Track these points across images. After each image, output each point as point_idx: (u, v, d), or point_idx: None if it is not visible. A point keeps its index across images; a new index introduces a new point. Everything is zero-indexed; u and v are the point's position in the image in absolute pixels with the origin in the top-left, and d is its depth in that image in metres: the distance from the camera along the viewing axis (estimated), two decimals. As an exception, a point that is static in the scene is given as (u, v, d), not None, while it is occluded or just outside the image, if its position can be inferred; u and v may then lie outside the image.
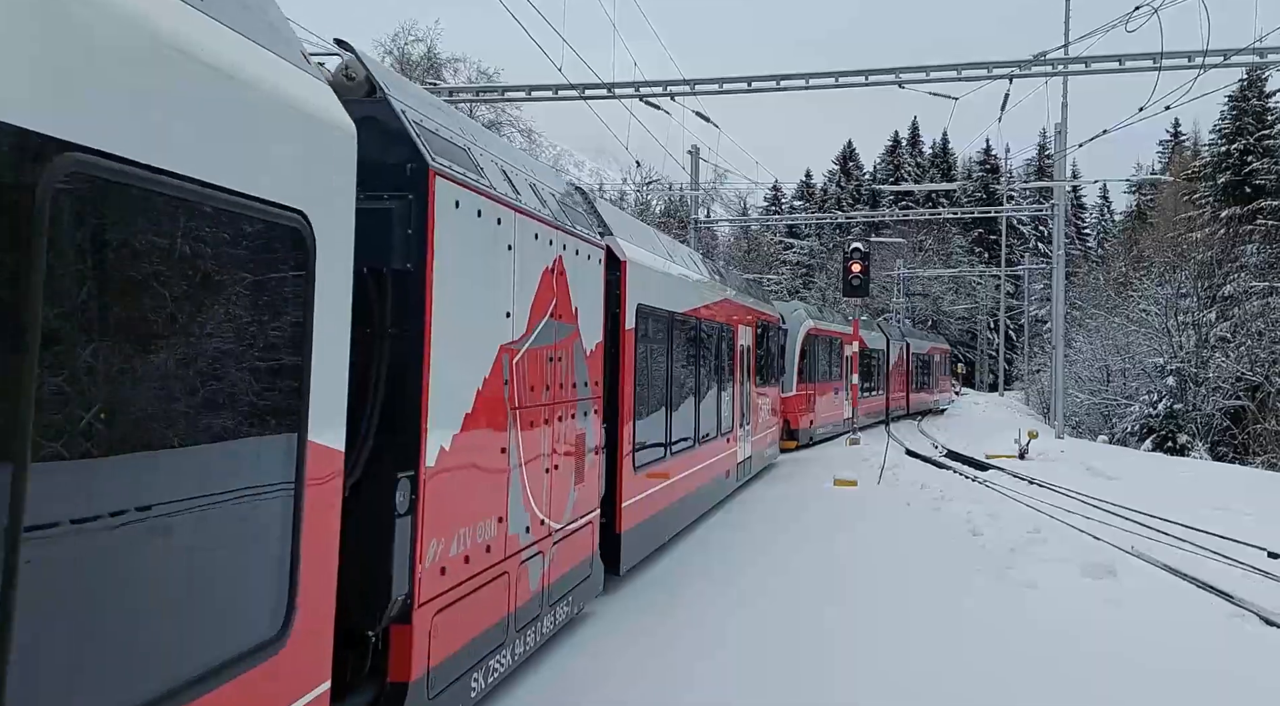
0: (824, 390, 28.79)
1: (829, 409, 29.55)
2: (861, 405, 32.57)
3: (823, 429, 28.63)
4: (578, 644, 7.88)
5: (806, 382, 26.71)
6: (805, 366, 26.68)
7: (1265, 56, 19.05)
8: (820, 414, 28.28)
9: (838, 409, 30.70)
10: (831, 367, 30.02)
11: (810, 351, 27.30)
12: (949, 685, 6.93)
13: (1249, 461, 32.37)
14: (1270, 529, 13.44)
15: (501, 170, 6.40)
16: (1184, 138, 79.42)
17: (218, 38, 3.19)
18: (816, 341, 28.09)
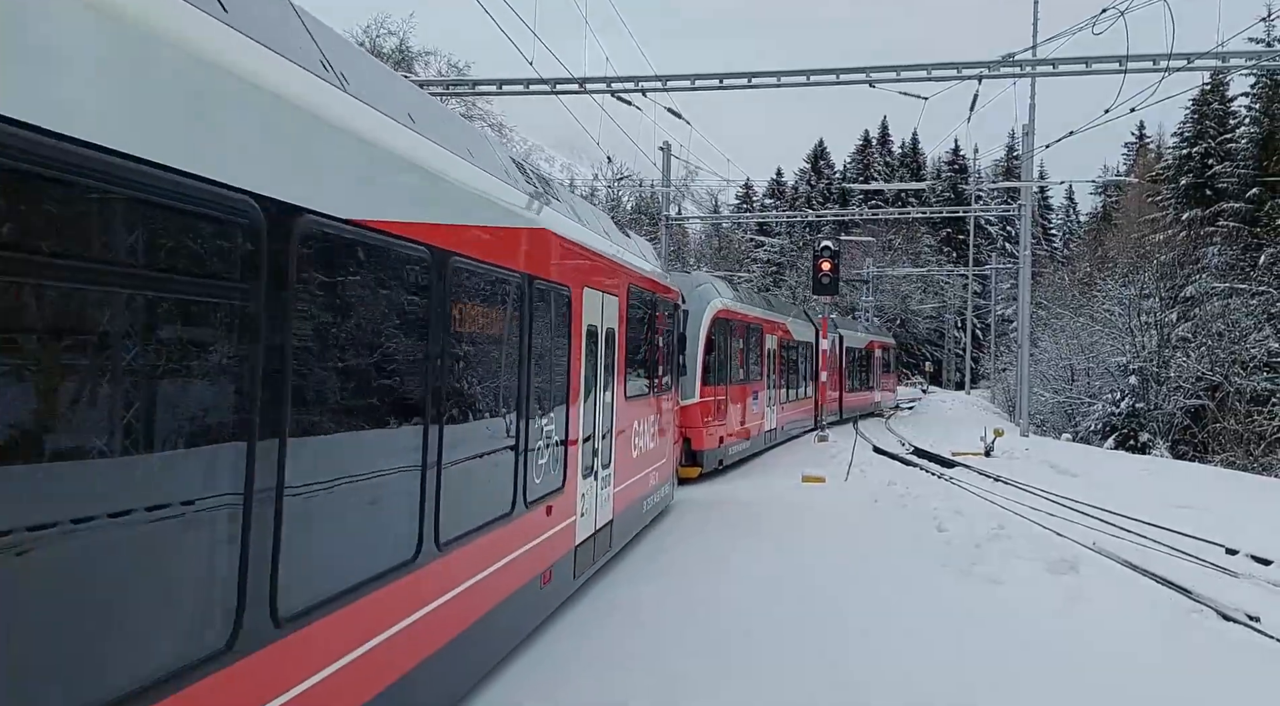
0: (740, 395, 21.53)
1: (746, 419, 22.35)
2: (784, 411, 26.60)
3: (738, 447, 21.52)
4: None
5: (715, 384, 19.45)
6: (713, 362, 19.36)
7: (1227, 61, 19.37)
8: (734, 426, 21.17)
9: (758, 419, 23.60)
10: (750, 364, 22.75)
11: (721, 342, 19.92)
12: (915, 678, 6.97)
13: (1209, 459, 32.96)
14: (1228, 526, 13.68)
15: None
16: (1148, 140, 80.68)
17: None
18: (730, 328, 20.63)
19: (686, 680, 6.80)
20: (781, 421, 25.91)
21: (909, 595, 9.43)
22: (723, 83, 20.52)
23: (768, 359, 24.57)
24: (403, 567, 4.89)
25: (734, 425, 20.86)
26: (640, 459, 11.54)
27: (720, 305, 20.12)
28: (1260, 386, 35.55)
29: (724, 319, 20.13)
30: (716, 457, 19.51)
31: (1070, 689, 6.90)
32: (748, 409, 22.20)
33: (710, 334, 19.17)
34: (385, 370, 4.77)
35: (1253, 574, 11.28)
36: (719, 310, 19.89)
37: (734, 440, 20.96)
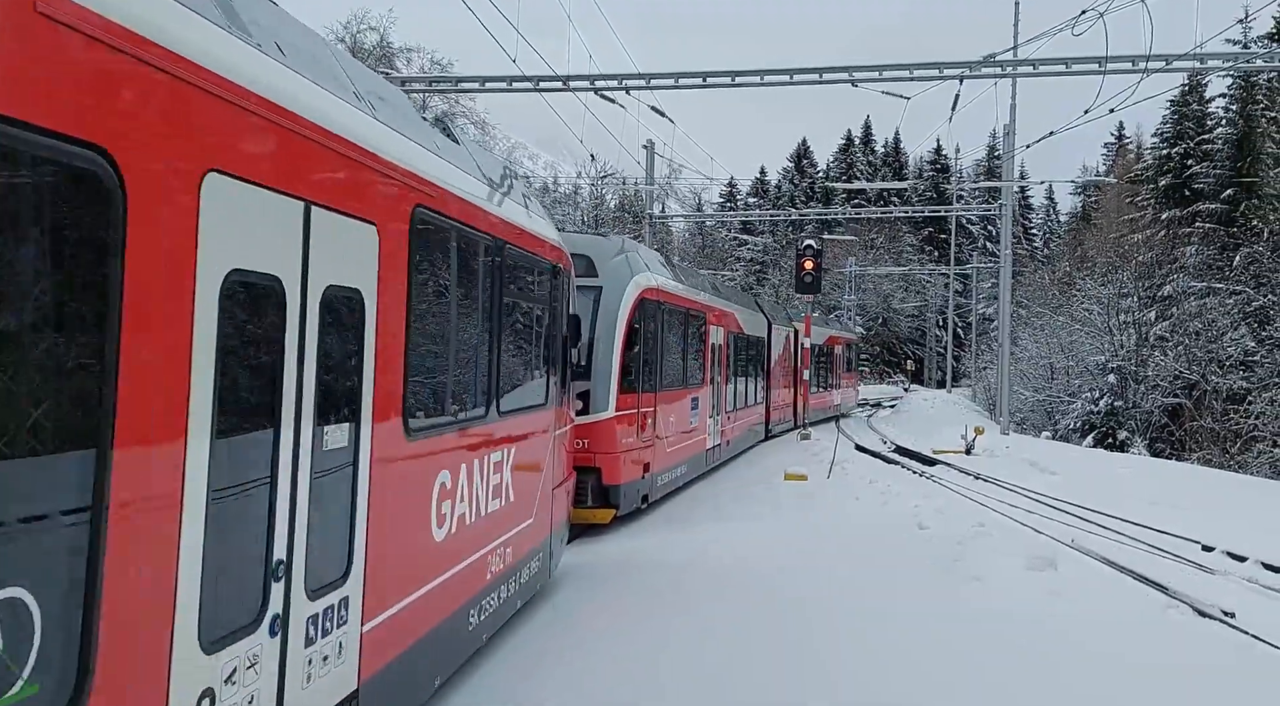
0: (675, 404, 16.12)
1: (683, 436, 16.80)
2: (732, 421, 21.51)
3: (670, 475, 16.02)
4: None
5: (639, 391, 14.04)
6: (637, 361, 13.97)
7: (1205, 62, 19.58)
8: (666, 447, 15.56)
9: (698, 434, 17.99)
10: (688, 362, 17.29)
11: (648, 333, 14.44)
12: (894, 673, 7.02)
13: (1185, 457, 33.32)
14: (1204, 523, 13.83)
15: None
16: (1127, 141, 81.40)
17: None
18: (662, 315, 15.15)
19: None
20: (729, 434, 20.93)
21: (890, 592, 9.48)
22: (706, 81, 20.55)
23: (713, 357, 19.00)
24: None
25: (665, 446, 15.28)
26: (459, 540, 6.30)
27: (648, 283, 14.30)
28: (1236, 385, 35.93)
29: (653, 303, 14.45)
30: (639, 493, 14.02)
31: (1048, 684, 6.96)
32: (685, 422, 16.74)
33: (633, 322, 13.51)
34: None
35: (1228, 570, 11.43)
36: (646, 290, 14.13)
37: (665, 466, 15.41)
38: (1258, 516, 15.21)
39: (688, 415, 17.07)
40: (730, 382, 20.99)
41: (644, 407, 14.14)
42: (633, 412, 13.69)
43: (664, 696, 6.55)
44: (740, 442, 22.78)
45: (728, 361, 20.54)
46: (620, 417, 13.27)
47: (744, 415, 23.05)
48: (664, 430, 15.23)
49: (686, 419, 16.94)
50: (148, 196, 3.16)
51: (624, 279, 13.74)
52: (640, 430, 13.93)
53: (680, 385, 16.53)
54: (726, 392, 20.50)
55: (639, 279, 14.09)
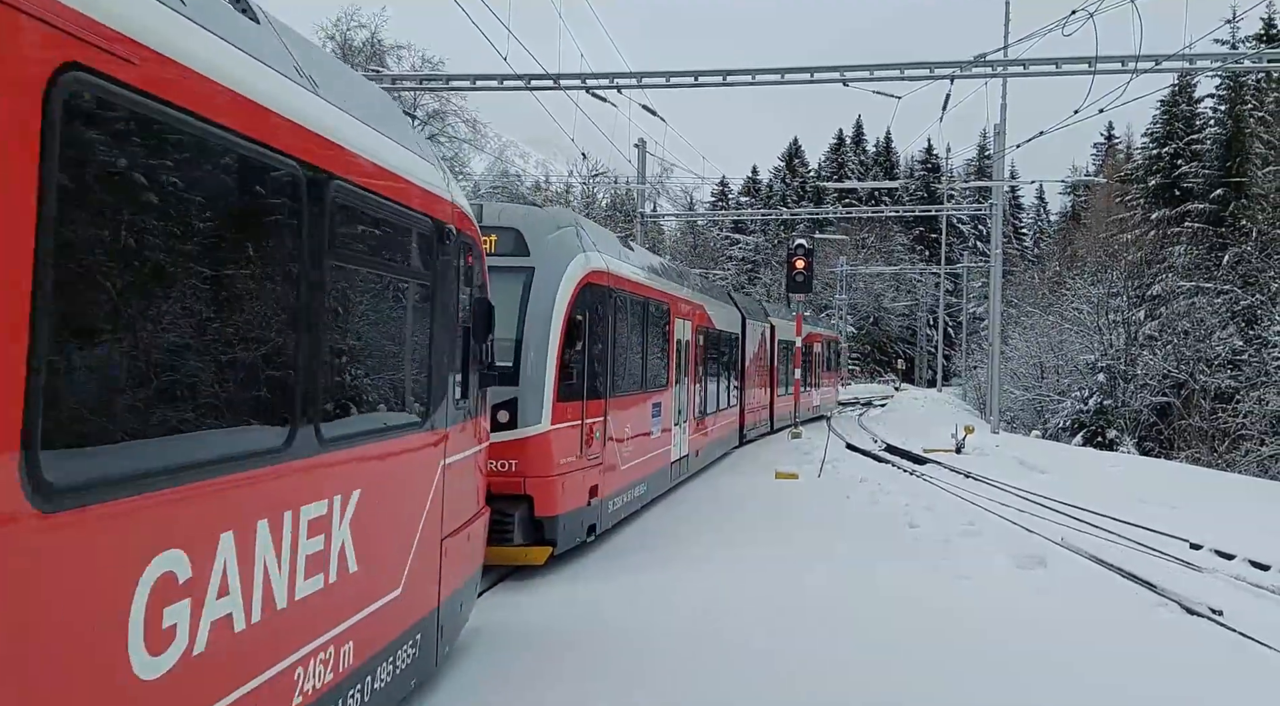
0: (630, 413, 13.26)
1: (640, 449, 13.91)
2: (703, 429, 18.74)
3: (624, 497, 13.05)
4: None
5: (584, 397, 11.31)
6: (580, 362, 11.27)
7: (1194, 63, 19.68)
8: (619, 465, 12.71)
9: (658, 446, 15.11)
10: (649, 361, 14.39)
11: (595, 327, 11.71)
12: (884, 672, 7.03)
13: (1174, 456, 33.49)
14: (1193, 521, 13.90)
15: None
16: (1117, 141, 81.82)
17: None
18: (612, 305, 12.37)
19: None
20: (700, 443, 18.44)
21: (880, 591, 9.50)
22: (698, 80, 20.57)
23: (679, 355, 16.34)
24: None
25: (620, 462, 12.60)
26: (210, 664, 3.63)
27: (595, 265, 11.56)
28: (1224, 384, 36.12)
29: (602, 289, 11.74)
30: (583, 524, 11.11)
31: (1037, 682, 6.98)
32: (645, 432, 14.06)
33: (575, 312, 10.85)
34: None
35: (1216, 568, 11.48)
36: (592, 273, 11.39)
37: (619, 486, 12.61)
38: (1245, 514, 15.28)
39: (648, 424, 14.27)
40: (700, 384, 18.42)
41: (590, 418, 11.21)
42: (575, 425, 10.74)
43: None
44: (712, 452, 20.19)
45: (696, 360, 17.89)
46: (558, 432, 10.33)
47: (716, 421, 20.42)
48: (617, 443, 12.40)
49: (646, 428, 14.17)
50: None
51: (564, 259, 10.84)
52: (585, 445, 10.99)
53: (638, 388, 13.66)
54: (695, 396, 17.91)
55: (583, 259, 11.15)
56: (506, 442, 9.80)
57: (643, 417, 13.97)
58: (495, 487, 9.09)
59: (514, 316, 10.19)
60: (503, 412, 9.76)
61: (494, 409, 9.07)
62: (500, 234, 10.35)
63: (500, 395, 9.42)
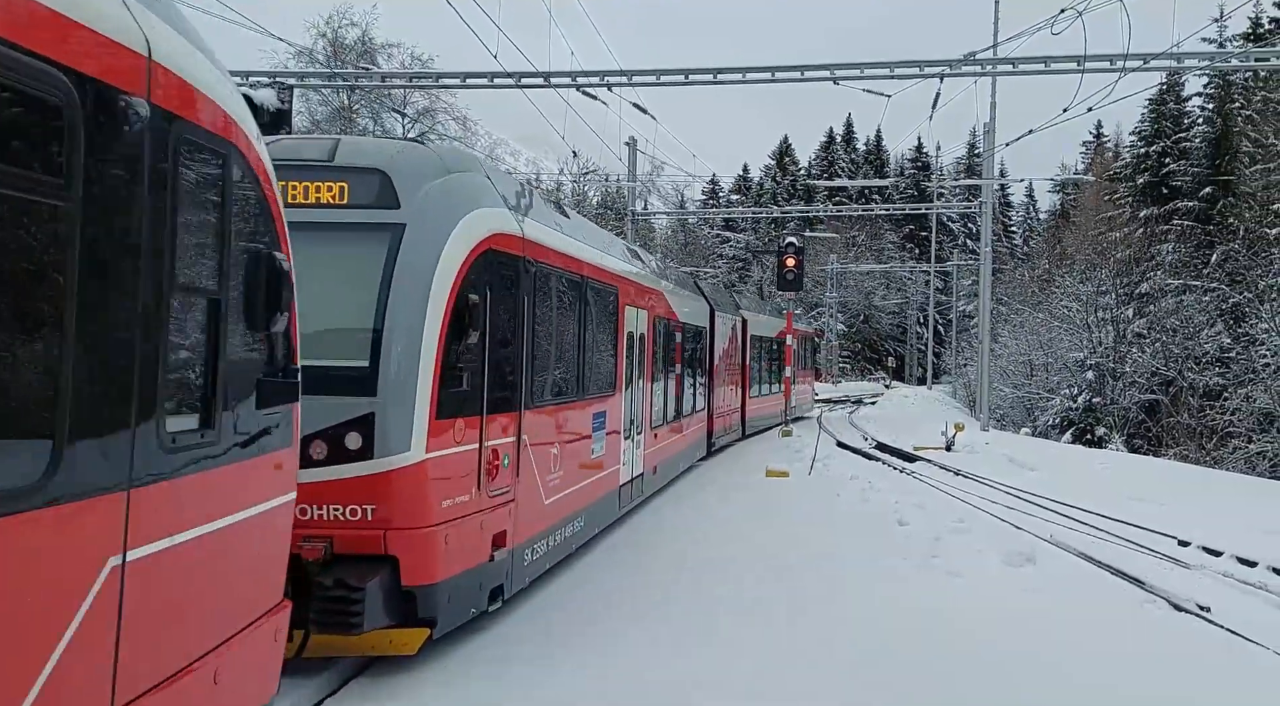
0: (554, 425, 9.88)
1: (575, 474, 10.67)
2: (663, 440, 15.87)
3: (550, 539, 9.73)
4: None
5: (479, 410, 7.72)
6: (477, 359, 7.70)
7: (1182, 61, 19.76)
8: (543, 499, 9.41)
9: (602, 467, 11.93)
10: (589, 359, 11.24)
11: (500, 310, 8.19)
12: (875, 668, 7.05)
13: (1162, 453, 33.66)
14: (1181, 518, 13.98)
15: None
16: (1106, 139, 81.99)
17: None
18: (529, 282, 8.81)
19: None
20: (658, 457, 15.40)
21: (870, 588, 9.52)
22: (688, 78, 20.54)
23: (631, 351, 13.29)
24: None
25: (542, 494, 9.34)
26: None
27: (502, 228, 8.31)
28: (1212, 382, 36.33)
29: (514, 261, 8.50)
30: (483, 587, 7.91)
31: (1025, 678, 7.01)
32: (582, 451, 10.87)
33: (468, 290, 7.58)
34: None
35: (1204, 565, 11.55)
36: (496, 237, 8.15)
37: (543, 526, 9.40)
38: (1233, 511, 15.38)
39: (587, 440, 10.97)
40: (659, 386, 15.47)
41: (495, 437, 7.92)
42: (468, 449, 7.46)
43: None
44: (673, 466, 17.16)
45: (655, 357, 14.90)
46: (439, 461, 7.05)
47: (679, 429, 17.58)
48: (540, 469, 9.10)
49: (585, 445, 10.88)
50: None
51: (453, 214, 7.49)
52: (487, 476, 7.71)
53: (573, 394, 10.39)
54: (653, 400, 14.85)
55: (483, 217, 7.81)
56: (357, 480, 6.65)
57: (579, 432, 10.62)
58: (343, 545, 6.57)
59: (370, 295, 6.98)
60: (353, 435, 6.66)
61: (340, 430, 6.58)
62: (354, 178, 7.31)
63: (346, 410, 6.65)
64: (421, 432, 6.89)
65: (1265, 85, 40.71)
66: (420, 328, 7.00)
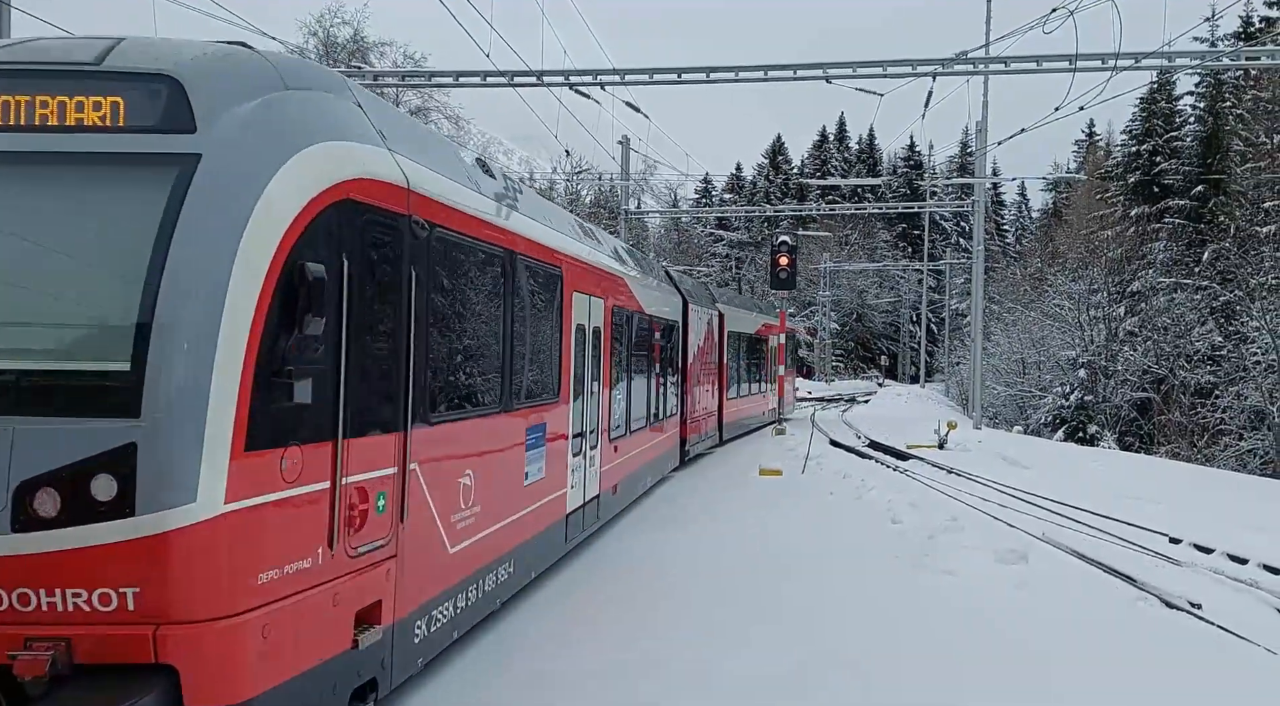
0: (467, 447, 7.18)
1: (501, 506, 7.99)
2: (622, 456, 13.26)
3: (463, 596, 7.13)
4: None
5: (333, 432, 5.19)
6: (326, 358, 5.10)
7: (1173, 60, 19.84)
8: (449, 546, 6.79)
9: (541, 494, 9.21)
10: (523, 358, 8.64)
11: (367, 290, 5.53)
12: (868, 665, 7.06)
13: (1154, 451, 33.81)
14: (1172, 515, 14.02)
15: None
16: (1098, 138, 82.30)
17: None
18: (422, 250, 6.20)
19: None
20: (618, 475, 12.94)
21: (862, 586, 9.53)
22: (681, 77, 20.56)
23: (583, 349, 10.98)
24: None
25: (446, 542, 6.81)
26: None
27: (363, 169, 5.57)
28: (1203, 379, 36.49)
29: (381, 216, 5.72)
30: (339, 690, 5.34)
31: (1018, 675, 7.02)
32: (512, 477, 8.42)
33: (303, 256, 4.91)
34: None
35: (1195, 562, 11.59)
36: (353, 183, 5.43)
37: (450, 583, 6.92)
38: (1224, 509, 15.44)
39: (517, 462, 8.43)
40: (621, 390, 13.23)
41: (361, 471, 5.53)
42: (308, 493, 5.07)
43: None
44: (640, 481, 14.89)
45: (614, 356, 12.63)
46: (251, 514, 4.67)
47: (647, 439, 15.26)
48: (440, 509, 6.66)
49: (514, 469, 8.35)
50: None
51: (279, 144, 5.13)
52: (348, 528, 5.39)
53: (495, 404, 7.88)
54: (612, 408, 12.56)
55: (333, 153, 5.42)
56: (109, 550, 4.30)
57: (505, 452, 8.13)
58: (87, 651, 4.31)
59: (136, 261, 4.59)
60: (102, 479, 4.30)
61: (80, 471, 4.27)
62: (131, 89, 4.89)
63: (89, 440, 4.31)
64: (217, 472, 4.45)
65: (1256, 84, 40.89)
66: (218, 310, 4.54)
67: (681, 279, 21.56)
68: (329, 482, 5.17)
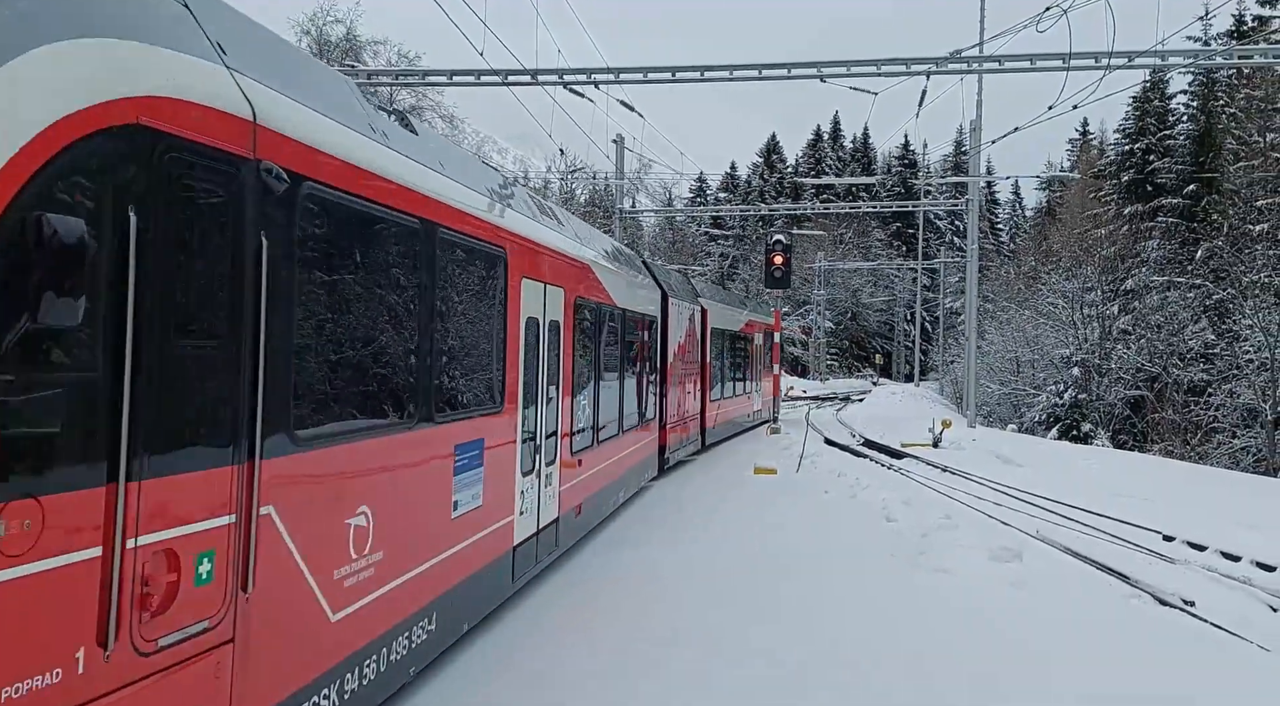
0: (347, 474, 5.30)
1: (401, 554, 5.96)
2: (583, 470, 11.21)
3: (334, 692, 5.05)
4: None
5: (95, 479, 3.38)
6: (41, 351, 3.17)
7: (1166, 59, 19.88)
8: (335, 615, 5.09)
9: (472, 525, 7.29)
10: (438, 352, 6.66)
11: (189, 251, 3.91)
12: (860, 664, 7.07)
13: (1147, 449, 33.91)
14: (1166, 513, 14.07)
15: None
16: (1091, 137, 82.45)
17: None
18: (249, 192, 4.28)
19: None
20: (581, 494, 11.22)
21: (857, 585, 9.55)
22: (675, 76, 20.54)
23: (535, 347, 9.21)
24: None
25: (318, 613, 4.98)
26: None
27: (166, 85, 3.75)
28: (1196, 378, 36.60)
29: (197, 152, 3.94)
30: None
31: (1011, 671, 7.04)
32: (418, 513, 6.31)
33: (40, 203, 3.13)
34: None
35: (1188, 559, 11.63)
36: (144, 102, 3.62)
37: (318, 674, 4.97)
38: (1217, 506, 15.49)
39: (439, 489, 6.75)
40: (583, 396, 11.33)
41: (167, 527, 3.76)
42: (54, 568, 3.21)
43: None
44: (608, 499, 12.82)
45: (576, 356, 10.87)
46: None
47: (617, 449, 13.32)
48: (312, 564, 4.92)
49: (434, 499, 6.65)
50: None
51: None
52: (140, 612, 3.60)
53: (405, 419, 6.17)
54: (574, 416, 10.84)
55: (101, 51, 3.52)
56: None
57: (423, 480, 6.46)
58: None
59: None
60: None
61: None
62: None
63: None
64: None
65: (1249, 82, 41.01)
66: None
67: (662, 270, 20.25)
68: (99, 548, 3.42)
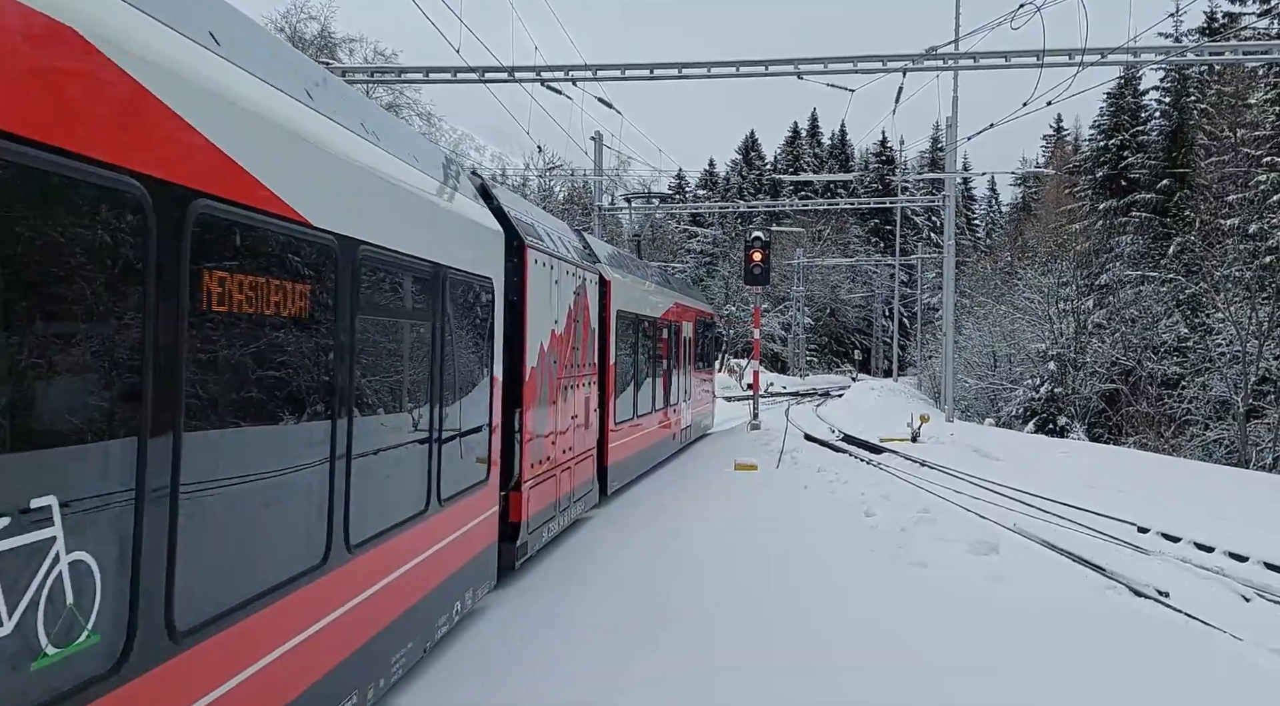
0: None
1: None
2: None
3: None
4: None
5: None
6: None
7: (1139, 55, 20.07)
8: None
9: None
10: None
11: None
12: (839, 661, 7.10)
13: (1122, 441, 34.26)
14: (1140, 505, 14.23)
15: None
16: (1066, 133, 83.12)
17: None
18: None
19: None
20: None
21: (837, 580, 9.59)
22: (653, 73, 20.52)
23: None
24: None
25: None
26: None
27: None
28: (1170, 370, 37.02)
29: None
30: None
31: (990, 663, 7.10)
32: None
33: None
34: None
35: (1163, 551, 11.77)
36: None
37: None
38: (1191, 498, 15.69)
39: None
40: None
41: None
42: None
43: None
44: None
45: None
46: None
47: (306, 615, 4.69)
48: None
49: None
50: None
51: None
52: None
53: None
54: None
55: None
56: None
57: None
58: None
59: None
60: None
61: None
62: None
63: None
64: None
65: (1220, 79, 41.48)
66: None
67: (512, 202, 10.49)
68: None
